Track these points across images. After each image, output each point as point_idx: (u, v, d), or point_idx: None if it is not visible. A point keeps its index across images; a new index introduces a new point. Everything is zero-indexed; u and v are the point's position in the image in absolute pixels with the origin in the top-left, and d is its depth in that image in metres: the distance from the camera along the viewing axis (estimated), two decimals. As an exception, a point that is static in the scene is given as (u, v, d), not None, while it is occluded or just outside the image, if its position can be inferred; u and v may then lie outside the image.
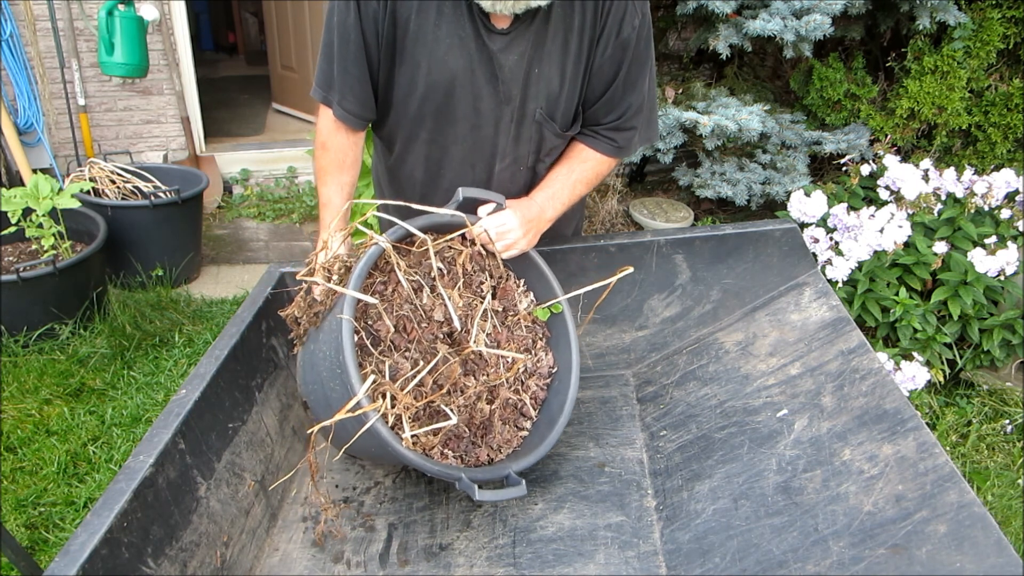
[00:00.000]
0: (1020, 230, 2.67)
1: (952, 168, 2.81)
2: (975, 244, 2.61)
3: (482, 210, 1.46)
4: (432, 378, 1.33)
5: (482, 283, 1.45)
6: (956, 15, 3.10)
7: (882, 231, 2.54)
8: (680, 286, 1.75)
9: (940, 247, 2.57)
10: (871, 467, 1.21)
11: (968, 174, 2.77)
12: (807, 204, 2.69)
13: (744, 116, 3.11)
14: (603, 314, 1.75)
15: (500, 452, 1.41)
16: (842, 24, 3.35)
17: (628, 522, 1.36)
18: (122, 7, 3.52)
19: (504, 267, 1.51)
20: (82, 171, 3.49)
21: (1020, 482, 2.34)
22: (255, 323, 1.54)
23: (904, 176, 2.73)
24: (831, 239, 2.64)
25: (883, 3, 3.26)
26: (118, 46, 3.56)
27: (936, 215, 2.72)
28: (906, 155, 3.51)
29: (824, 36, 3.03)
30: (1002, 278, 2.56)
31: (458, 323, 1.35)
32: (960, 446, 2.48)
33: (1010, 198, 2.73)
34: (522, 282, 1.56)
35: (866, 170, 2.92)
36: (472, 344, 1.36)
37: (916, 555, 1.05)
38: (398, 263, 1.34)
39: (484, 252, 1.47)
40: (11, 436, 2.44)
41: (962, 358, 2.66)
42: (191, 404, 1.27)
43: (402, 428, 1.27)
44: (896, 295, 2.55)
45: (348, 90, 1.47)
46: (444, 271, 1.41)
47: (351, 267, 1.33)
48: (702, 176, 3.40)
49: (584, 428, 1.62)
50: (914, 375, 2.42)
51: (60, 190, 3.05)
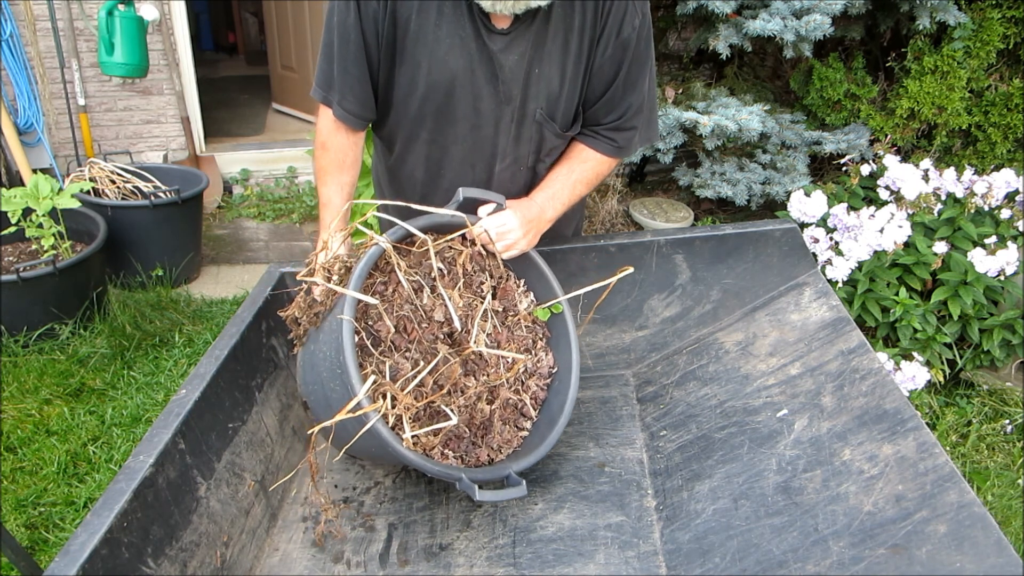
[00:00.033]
0: (1020, 230, 2.67)
1: (952, 168, 2.81)
2: (975, 244, 2.61)
3: (482, 210, 1.46)
4: (432, 378, 1.33)
5: (482, 283, 1.45)
6: (956, 15, 3.10)
7: (882, 231, 2.54)
8: (680, 286, 1.75)
9: (940, 247, 2.57)
10: (871, 467, 1.21)
11: (968, 174, 2.77)
12: (807, 204, 2.69)
13: (744, 116, 3.11)
14: (603, 314, 1.75)
15: (500, 452, 1.41)
16: (842, 24, 3.35)
17: (628, 522, 1.36)
18: (122, 7, 3.52)
19: (504, 267, 1.51)
20: (82, 171, 3.49)
21: (1020, 482, 2.34)
22: (255, 323, 1.54)
23: (904, 176, 2.73)
24: (831, 239, 2.63)
25: (883, 3, 3.26)
26: (118, 46, 3.56)
27: (936, 215, 2.72)
28: (906, 155, 3.50)
29: (824, 36, 3.03)
30: (1002, 278, 2.56)
31: (458, 323, 1.35)
32: (960, 446, 2.48)
33: (1010, 198, 2.73)
34: (522, 282, 1.56)
35: (866, 170, 2.92)
36: (472, 344, 1.36)
37: (916, 555, 1.05)
38: (398, 263, 1.34)
39: (484, 252, 1.47)
40: (11, 436, 2.44)
41: (962, 358, 2.66)
42: (191, 404, 1.27)
43: (402, 428, 1.27)
44: (896, 295, 2.55)
45: (348, 90, 1.47)
46: (444, 271, 1.41)
47: (351, 267, 1.33)
48: (702, 176, 3.40)
49: (584, 428, 1.62)
50: (914, 375, 2.43)
51: (60, 190, 3.05)
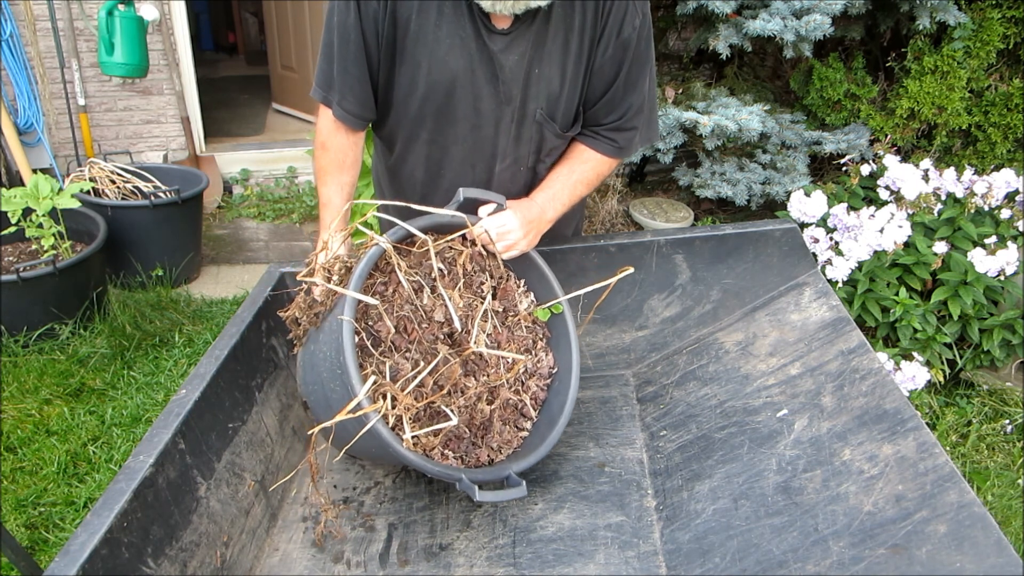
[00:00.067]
0: (1020, 230, 2.67)
1: (952, 168, 2.81)
2: (975, 244, 2.61)
3: (483, 210, 1.46)
4: (432, 379, 1.33)
5: (482, 283, 1.45)
6: (956, 15, 3.10)
7: (882, 231, 2.54)
8: (680, 286, 1.75)
9: (940, 247, 2.57)
10: (871, 467, 1.21)
11: (968, 174, 2.77)
12: (807, 204, 2.69)
13: (744, 116, 3.11)
14: (603, 314, 1.75)
15: (500, 453, 1.41)
16: (842, 24, 3.35)
17: (628, 522, 1.36)
18: (122, 7, 3.52)
19: (504, 267, 1.51)
20: (82, 171, 3.49)
21: (1020, 482, 2.34)
22: (255, 323, 1.54)
23: (904, 176, 2.73)
24: (831, 239, 2.63)
25: (883, 3, 3.26)
26: (118, 46, 3.56)
27: (936, 215, 2.72)
28: (906, 155, 3.50)
29: (824, 36, 3.03)
30: (1002, 278, 2.56)
31: (459, 324, 1.35)
32: (960, 446, 2.48)
33: (1010, 198, 2.73)
34: (522, 282, 1.56)
35: (866, 170, 2.92)
36: (472, 345, 1.36)
37: (916, 555, 1.05)
38: (399, 264, 1.34)
39: (484, 252, 1.47)
40: (11, 436, 2.44)
41: (962, 358, 2.66)
42: (191, 404, 1.27)
43: (402, 429, 1.27)
44: (896, 295, 2.55)
45: (348, 90, 1.47)
46: (444, 271, 1.41)
47: (351, 268, 1.33)
48: (702, 176, 3.40)
49: (584, 428, 1.62)
50: (914, 375, 2.43)
51: (60, 190, 3.05)
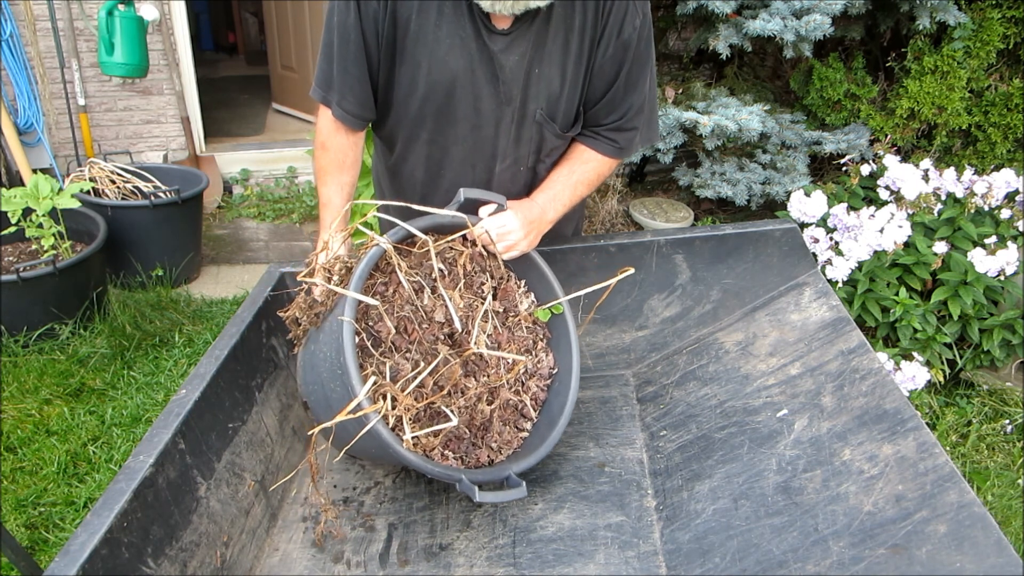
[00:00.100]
0: (1020, 230, 2.67)
1: (952, 168, 2.81)
2: (975, 244, 2.61)
3: (483, 211, 1.46)
4: (433, 379, 1.33)
5: (483, 284, 1.45)
6: (956, 15, 3.10)
7: (882, 231, 2.54)
8: (680, 286, 1.75)
9: (940, 247, 2.57)
10: (871, 467, 1.21)
11: (968, 174, 2.77)
12: (807, 204, 2.69)
13: (744, 116, 3.11)
14: (603, 314, 1.75)
15: (500, 453, 1.41)
16: (842, 24, 3.35)
17: (628, 522, 1.36)
18: (122, 7, 3.52)
19: (505, 268, 1.51)
20: (82, 171, 3.49)
21: (1020, 482, 2.34)
22: (255, 323, 1.54)
23: (904, 176, 2.73)
24: (831, 239, 2.64)
25: (883, 3, 3.26)
26: (118, 46, 3.56)
27: (936, 215, 2.72)
28: (906, 155, 3.50)
29: (824, 36, 3.03)
30: (1002, 278, 2.56)
31: (459, 324, 1.35)
32: (960, 446, 2.48)
33: (1010, 198, 2.73)
34: (523, 283, 1.56)
35: (866, 170, 2.92)
36: (473, 346, 1.36)
37: (916, 555, 1.05)
38: (399, 264, 1.34)
39: (485, 253, 1.47)
40: (11, 436, 2.44)
41: (962, 358, 2.66)
42: (191, 404, 1.27)
43: (403, 429, 1.27)
44: (896, 295, 2.55)
45: (348, 90, 1.47)
46: (445, 272, 1.41)
47: (352, 268, 1.33)
48: (702, 176, 3.40)
49: (584, 428, 1.62)
50: (914, 375, 2.43)
51: (60, 190, 3.05)
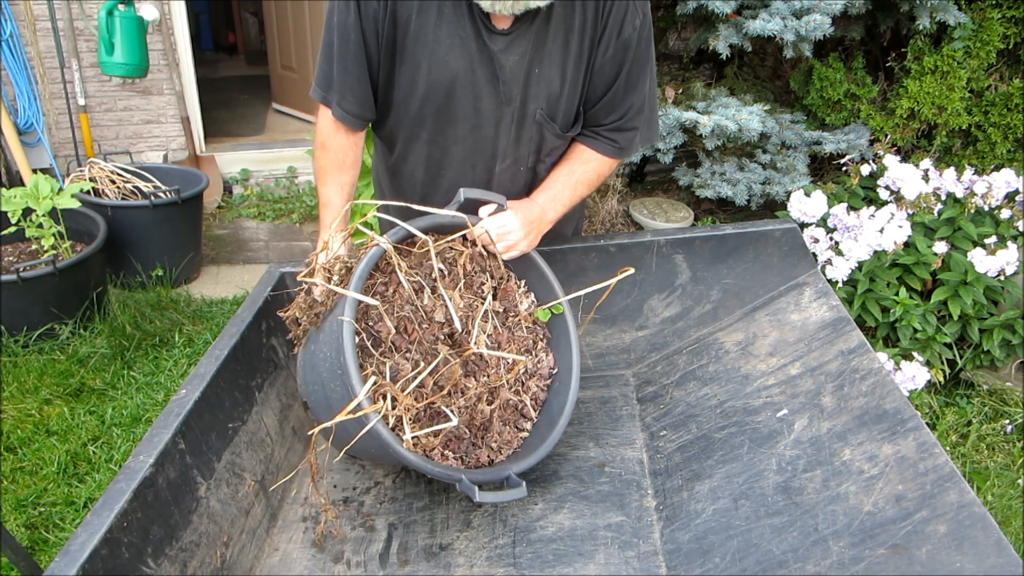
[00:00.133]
0: (1020, 230, 2.67)
1: (952, 168, 2.81)
2: (975, 244, 2.61)
3: (483, 211, 1.46)
4: (433, 379, 1.33)
5: (483, 284, 1.45)
6: (956, 15, 3.10)
7: (882, 231, 2.54)
8: (680, 286, 1.75)
9: (940, 247, 2.57)
10: (871, 467, 1.21)
11: (968, 174, 2.77)
12: (807, 204, 2.69)
13: (744, 116, 3.11)
14: (603, 314, 1.75)
15: (500, 453, 1.41)
16: (842, 24, 3.35)
17: (628, 522, 1.36)
18: (122, 7, 3.52)
19: (505, 268, 1.51)
20: (82, 171, 3.49)
21: (1020, 482, 2.34)
22: (255, 323, 1.54)
23: (904, 176, 2.73)
24: (831, 239, 2.64)
25: (883, 3, 3.26)
26: (118, 46, 3.56)
27: (936, 215, 2.73)
28: (906, 155, 3.50)
29: (824, 36, 3.03)
30: (1002, 278, 2.56)
31: (459, 324, 1.35)
32: (960, 446, 2.48)
33: (1010, 198, 2.73)
34: (523, 283, 1.56)
35: (866, 170, 2.92)
36: (473, 346, 1.36)
37: (916, 555, 1.05)
38: (399, 264, 1.34)
39: (485, 253, 1.47)
40: (11, 436, 2.44)
41: (962, 358, 2.66)
42: (191, 404, 1.27)
43: (403, 429, 1.27)
44: (896, 295, 2.55)
45: (348, 90, 1.47)
46: (445, 272, 1.41)
47: (352, 268, 1.33)
48: (702, 176, 3.40)
49: (584, 428, 1.62)
50: (914, 375, 2.43)
51: (60, 190, 3.05)
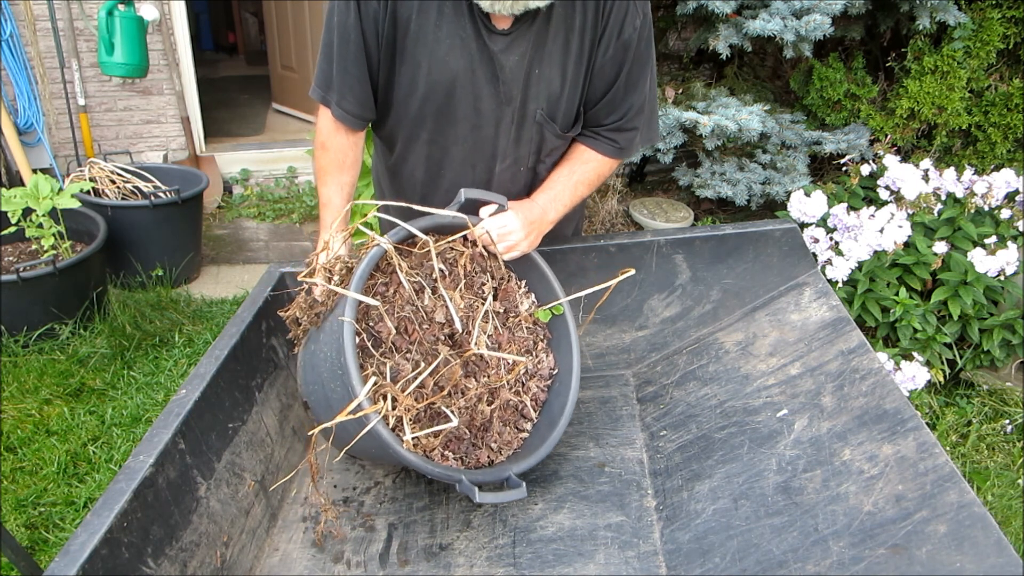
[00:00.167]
0: (1020, 230, 2.67)
1: (952, 168, 2.81)
2: (975, 244, 2.61)
3: (484, 211, 1.46)
4: (433, 380, 1.33)
5: (483, 284, 1.45)
6: (956, 15, 3.10)
7: (882, 231, 2.54)
8: (680, 286, 1.75)
9: (940, 247, 2.57)
10: (871, 467, 1.21)
11: (968, 174, 2.77)
12: (807, 204, 2.69)
13: (744, 116, 3.11)
14: (603, 314, 1.75)
15: (500, 454, 1.41)
16: (842, 24, 3.35)
17: (628, 522, 1.36)
18: (122, 7, 3.52)
19: (505, 268, 1.51)
20: (82, 171, 3.49)
21: (1020, 482, 2.34)
22: (255, 323, 1.54)
23: (904, 176, 2.73)
24: (831, 239, 2.64)
25: (883, 3, 3.26)
26: (118, 46, 3.56)
27: (936, 215, 2.73)
28: (906, 155, 3.50)
29: (824, 36, 3.03)
30: (1002, 278, 2.56)
31: (459, 324, 1.35)
32: (960, 446, 2.48)
33: (1010, 198, 2.73)
34: (523, 283, 1.56)
35: (866, 170, 2.92)
36: (473, 346, 1.36)
37: (916, 555, 1.05)
38: (400, 264, 1.34)
39: (486, 253, 1.47)
40: (11, 436, 2.44)
41: (962, 358, 2.66)
42: (191, 404, 1.27)
43: (403, 430, 1.27)
44: (896, 295, 2.55)
45: (347, 90, 1.46)
46: (446, 272, 1.41)
47: (352, 268, 1.33)
48: (702, 176, 3.40)
49: (584, 428, 1.62)
50: (914, 375, 2.43)
51: (60, 190, 3.05)
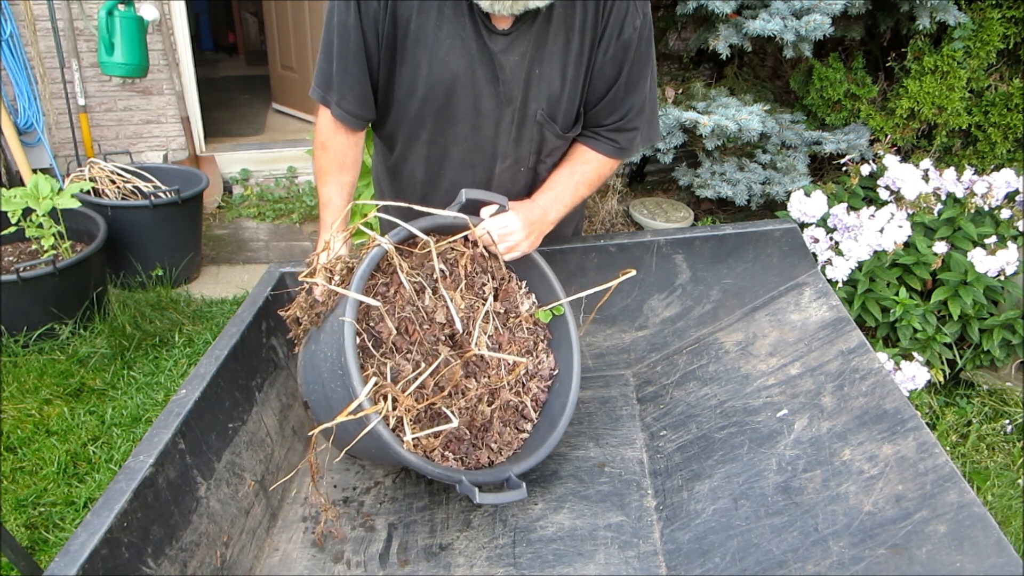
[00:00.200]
0: (1020, 230, 2.67)
1: (952, 168, 2.81)
2: (975, 244, 2.61)
3: (485, 211, 1.46)
4: (433, 380, 1.33)
5: (484, 285, 1.45)
6: (956, 15, 3.10)
7: (882, 231, 2.54)
8: (680, 286, 1.75)
9: (940, 247, 2.57)
10: (871, 467, 1.21)
11: (968, 174, 2.77)
12: (807, 204, 2.69)
13: (744, 116, 3.11)
14: (603, 314, 1.75)
15: (500, 454, 1.41)
16: (842, 24, 3.35)
17: (628, 522, 1.36)
18: (122, 7, 3.52)
19: (506, 269, 1.51)
20: (82, 171, 3.49)
21: (1020, 482, 2.34)
22: (255, 323, 1.54)
23: (904, 176, 2.73)
24: (831, 239, 2.64)
25: (883, 3, 3.26)
26: (118, 46, 3.57)
27: (936, 215, 2.73)
28: (906, 155, 3.51)
29: (824, 36, 3.03)
30: (1002, 278, 2.56)
31: (460, 325, 1.35)
32: (960, 446, 2.48)
33: (1010, 198, 2.73)
34: (524, 284, 1.56)
35: (866, 170, 2.92)
36: (474, 347, 1.36)
37: (916, 555, 1.05)
38: (400, 265, 1.34)
39: (486, 254, 1.47)
40: (11, 436, 2.44)
41: (962, 358, 2.66)
42: (191, 404, 1.27)
43: (403, 430, 1.27)
44: (896, 295, 2.55)
45: (347, 90, 1.46)
46: (446, 273, 1.41)
47: (353, 268, 1.33)
48: (702, 176, 3.40)
49: (584, 428, 1.62)
50: (914, 375, 2.43)
51: (60, 190, 3.05)
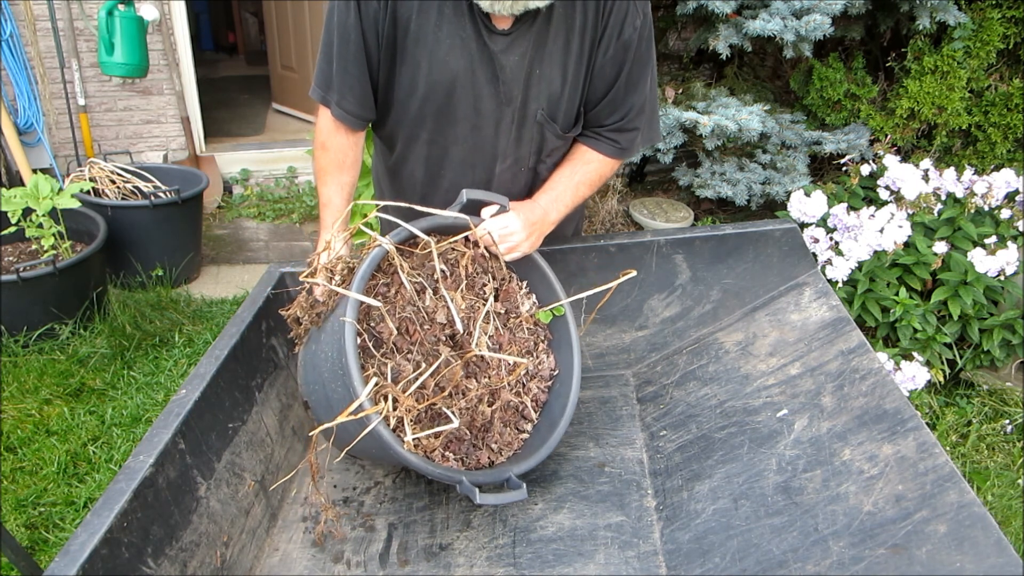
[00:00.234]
0: (1020, 230, 2.67)
1: (952, 168, 2.81)
2: (975, 244, 2.61)
3: (485, 212, 1.46)
4: (434, 380, 1.33)
5: (485, 285, 1.45)
6: (956, 15, 3.10)
7: (882, 231, 2.54)
8: (680, 286, 1.75)
9: (940, 247, 2.57)
10: (871, 467, 1.21)
11: (968, 174, 2.77)
12: (807, 204, 2.69)
13: (744, 116, 3.11)
14: (603, 314, 1.75)
15: (501, 455, 1.41)
16: (842, 24, 3.35)
17: (628, 522, 1.36)
18: (122, 7, 3.52)
19: (507, 269, 1.51)
20: (82, 171, 3.49)
21: (1020, 482, 2.34)
22: (255, 323, 1.54)
23: (904, 176, 2.73)
24: (831, 239, 2.64)
25: (883, 3, 3.26)
26: (118, 46, 3.57)
27: (936, 215, 2.73)
28: (906, 155, 3.51)
29: (824, 36, 3.03)
30: (1002, 278, 2.56)
31: (460, 325, 1.35)
32: (960, 446, 2.48)
33: (1010, 198, 2.73)
34: (524, 284, 1.56)
35: (866, 170, 2.92)
36: (474, 347, 1.36)
37: (916, 555, 1.05)
38: (401, 265, 1.34)
39: (487, 254, 1.47)
40: (11, 436, 2.44)
41: (962, 358, 2.66)
42: (191, 404, 1.27)
43: (403, 430, 1.27)
44: (896, 295, 2.55)
45: (347, 90, 1.46)
46: (447, 273, 1.41)
47: (354, 268, 1.33)
48: (702, 176, 3.40)
49: (584, 428, 1.62)
50: (914, 375, 2.43)
51: (60, 190, 3.05)
